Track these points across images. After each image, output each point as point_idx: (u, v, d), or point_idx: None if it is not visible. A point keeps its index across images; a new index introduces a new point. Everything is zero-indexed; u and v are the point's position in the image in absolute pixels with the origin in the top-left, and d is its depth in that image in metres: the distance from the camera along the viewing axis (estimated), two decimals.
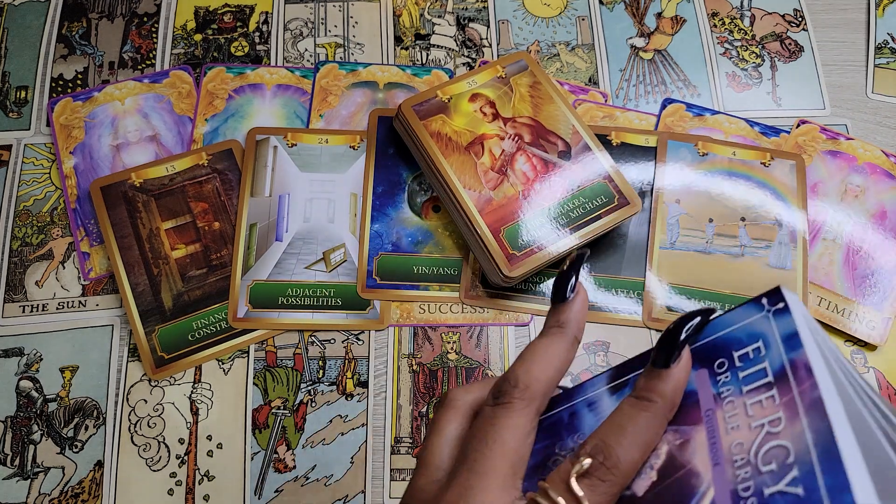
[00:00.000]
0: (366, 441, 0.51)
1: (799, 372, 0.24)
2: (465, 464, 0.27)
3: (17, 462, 0.50)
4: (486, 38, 0.65)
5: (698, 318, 0.27)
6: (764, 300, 0.25)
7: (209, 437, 0.51)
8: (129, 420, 0.52)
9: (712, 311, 0.27)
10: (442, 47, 0.65)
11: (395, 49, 0.64)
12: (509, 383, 0.28)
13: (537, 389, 0.28)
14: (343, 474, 0.50)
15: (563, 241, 0.50)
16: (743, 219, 0.57)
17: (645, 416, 0.25)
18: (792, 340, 0.24)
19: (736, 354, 0.26)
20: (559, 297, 0.30)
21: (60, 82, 0.62)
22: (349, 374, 0.53)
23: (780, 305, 0.25)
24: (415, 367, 0.54)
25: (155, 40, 0.64)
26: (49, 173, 0.59)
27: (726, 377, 0.26)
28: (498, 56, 0.64)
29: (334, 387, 0.53)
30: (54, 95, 0.61)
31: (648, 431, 0.25)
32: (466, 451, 0.27)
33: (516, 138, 0.54)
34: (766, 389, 0.24)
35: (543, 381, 0.28)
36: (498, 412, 0.28)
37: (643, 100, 0.63)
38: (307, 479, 0.50)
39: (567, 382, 0.53)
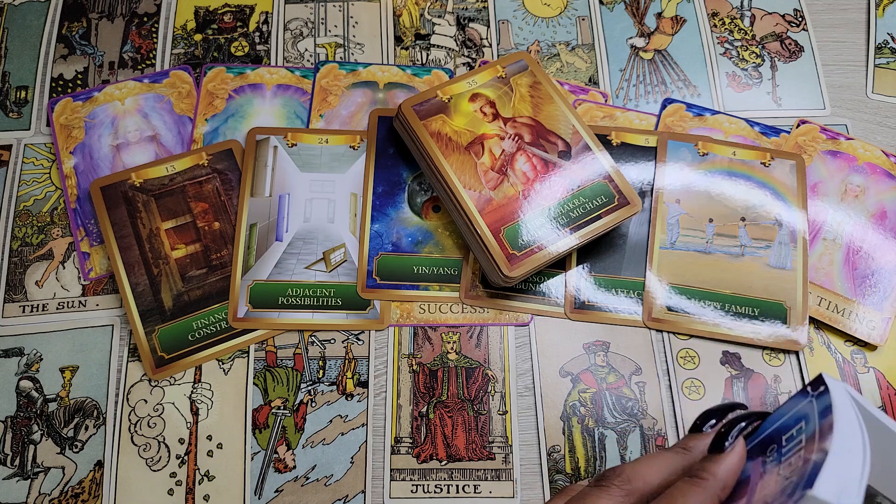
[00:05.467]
0: (366, 441, 0.51)
1: (825, 429, 0.26)
2: None
3: (17, 462, 0.50)
4: (486, 38, 0.65)
5: (748, 421, 0.31)
6: (808, 388, 0.28)
7: (209, 437, 0.51)
8: (129, 420, 0.52)
9: (765, 414, 0.31)
10: (442, 47, 0.65)
11: (395, 49, 0.64)
12: (615, 472, 0.30)
13: (638, 487, 0.30)
14: (343, 474, 0.50)
15: (563, 241, 0.50)
16: (743, 219, 0.57)
17: (696, 490, 0.28)
18: (826, 410, 0.27)
19: (783, 437, 0.29)
20: (716, 448, 0.31)
21: (60, 82, 0.62)
22: (349, 374, 0.53)
23: (822, 389, 0.28)
24: (415, 367, 0.54)
25: (155, 40, 0.64)
26: (49, 173, 0.59)
27: (773, 457, 0.29)
28: (498, 56, 0.64)
29: (334, 387, 0.53)
30: (54, 95, 0.61)
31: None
32: None
33: (516, 138, 0.54)
34: (797, 451, 0.27)
35: (649, 485, 0.30)
36: (593, 491, 0.30)
37: (643, 100, 0.63)
38: (307, 479, 0.50)
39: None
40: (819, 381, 0.28)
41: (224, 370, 0.53)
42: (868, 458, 0.25)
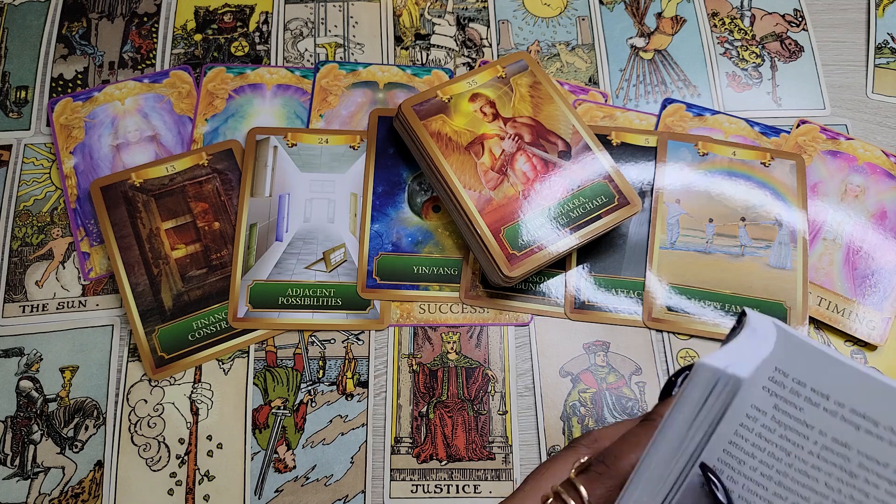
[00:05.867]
0: (366, 441, 0.51)
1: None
2: (526, 481, 0.33)
3: (17, 462, 0.50)
4: (486, 38, 0.65)
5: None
6: (735, 325, 0.30)
7: (209, 437, 0.51)
8: (129, 420, 0.52)
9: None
10: (442, 47, 0.65)
11: (395, 49, 0.64)
12: (585, 435, 0.33)
13: (604, 445, 0.32)
14: (343, 474, 0.50)
15: (563, 241, 0.50)
16: (743, 219, 0.57)
17: (646, 430, 0.30)
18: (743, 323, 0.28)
19: None
20: (665, 394, 0.33)
21: (60, 82, 0.62)
22: (349, 374, 0.53)
23: (744, 319, 0.29)
24: (415, 367, 0.54)
25: (155, 40, 0.64)
26: (49, 173, 0.59)
27: None
28: (498, 56, 0.64)
29: (334, 387, 0.53)
30: (54, 95, 0.61)
31: (647, 442, 0.29)
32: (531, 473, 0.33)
33: (516, 138, 0.54)
34: None
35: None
36: (562, 452, 0.33)
37: (643, 100, 0.63)
38: (307, 479, 0.50)
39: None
40: (742, 314, 0.30)
41: (224, 370, 0.53)
42: (774, 353, 0.25)
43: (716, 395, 0.25)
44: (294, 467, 0.51)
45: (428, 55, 0.64)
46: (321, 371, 0.53)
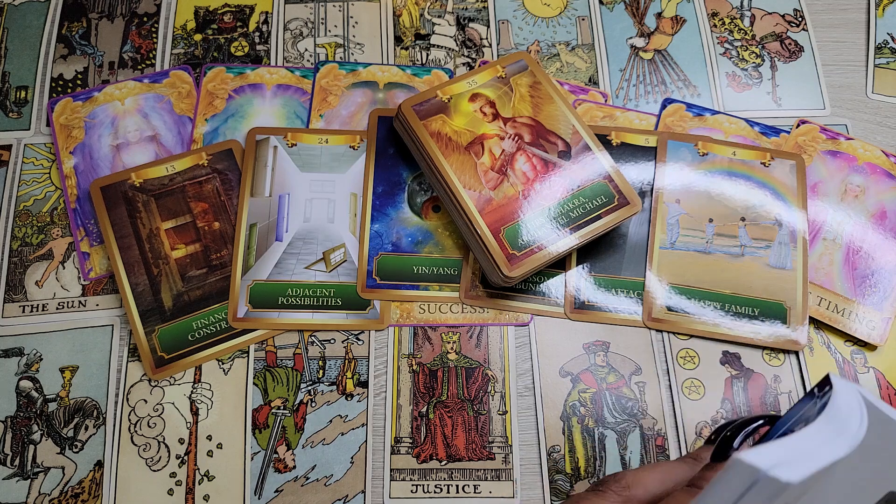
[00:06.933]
0: (366, 441, 0.51)
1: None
2: None
3: (17, 462, 0.50)
4: (486, 38, 0.65)
5: (756, 424, 0.30)
6: (815, 389, 0.27)
7: (209, 437, 0.51)
8: (129, 420, 0.52)
9: (775, 417, 0.30)
10: (442, 47, 0.65)
11: (395, 49, 0.64)
12: (615, 478, 0.30)
13: (637, 494, 0.29)
14: (343, 474, 0.50)
15: (563, 241, 0.50)
16: (743, 219, 0.57)
17: (692, 497, 0.26)
18: (824, 408, 0.25)
19: None
20: (720, 455, 0.30)
21: (60, 82, 0.62)
22: (349, 374, 0.53)
23: (827, 389, 0.26)
24: (415, 367, 0.54)
25: (155, 40, 0.64)
26: (49, 173, 0.59)
27: None
28: (498, 56, 0.64)
29: (334, 387, 0.53)
30: (54, 95, 0.61)
31: None
32: None
33: (516, 138, 0.54)
34: None
35: (649, 493, 0.29)
36: (589, 496, 0.29)
37: (643, 100, 0.63)
38: (307, 479, 0.50)
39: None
40: (825, 381, 0.27)
41: (224, 370, 0.53)
42: (852, 453, 0.23)
43: (753, 497, 0.21)
44: (294, 467, 0.51)
45: (428, 55, 0.64)
46: (321, 371, 0.53)
